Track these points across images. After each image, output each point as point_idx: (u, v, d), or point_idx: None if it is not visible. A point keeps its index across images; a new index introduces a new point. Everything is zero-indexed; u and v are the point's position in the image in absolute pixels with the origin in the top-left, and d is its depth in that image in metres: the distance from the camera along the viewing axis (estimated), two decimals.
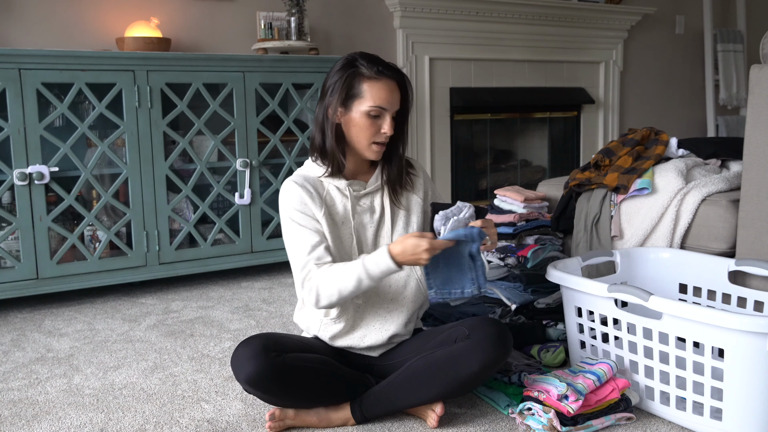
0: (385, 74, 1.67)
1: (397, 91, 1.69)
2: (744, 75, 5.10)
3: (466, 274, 1.62)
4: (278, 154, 3.15)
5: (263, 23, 3.34)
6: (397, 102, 1.69)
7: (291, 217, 1.68)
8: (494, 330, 1.63)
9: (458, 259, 1.61)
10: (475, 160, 4.41)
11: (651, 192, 2.28)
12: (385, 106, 1.66)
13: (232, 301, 2.82)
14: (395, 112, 1.69)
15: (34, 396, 1.92)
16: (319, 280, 1.61)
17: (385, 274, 1.59)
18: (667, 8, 5.03)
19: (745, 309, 1.93)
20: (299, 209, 1.68)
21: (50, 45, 3.02)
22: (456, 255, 1.61)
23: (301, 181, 1.72)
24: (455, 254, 1.60)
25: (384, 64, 1.69)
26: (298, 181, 1.71)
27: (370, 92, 1.65)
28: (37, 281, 2.69)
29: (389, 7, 3.86)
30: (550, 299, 2.28)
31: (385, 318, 1.74)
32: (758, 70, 1.97)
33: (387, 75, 1.67)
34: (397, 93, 1.69)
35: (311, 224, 1.67)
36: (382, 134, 1.68)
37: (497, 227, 2.49)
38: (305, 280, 1.63)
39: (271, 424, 1.66)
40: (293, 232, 1.67)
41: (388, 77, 1.67)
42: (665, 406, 1.69)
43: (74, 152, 2.73)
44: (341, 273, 1.60)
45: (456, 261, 1.61)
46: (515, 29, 4.28)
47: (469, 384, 1.65)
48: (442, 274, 1.62)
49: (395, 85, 1.68)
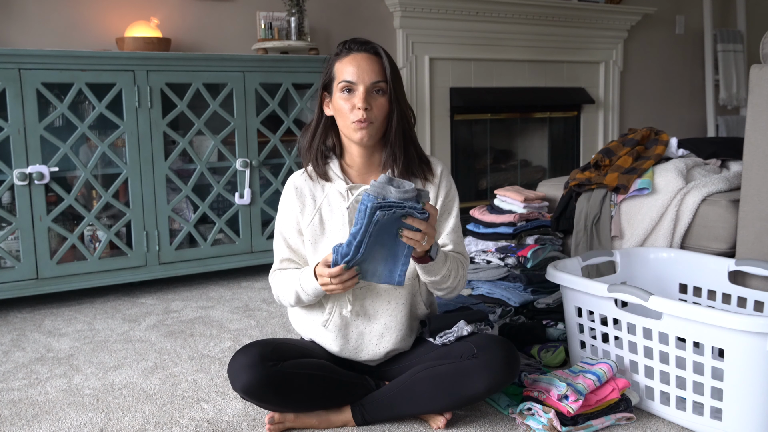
0: (351, 49, 1.63)
1: (369, 64, 1.60)
2: (744, 75, 5.09)
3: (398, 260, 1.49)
4: (278, 154, 3.15)
5: (263, 23, 3.34)
6: (371, 75, 1.60)
7: (278, 220, 1.75)
8: (503, 353, 1.59)
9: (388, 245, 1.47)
10: (475, 160, 4.41)
11: (651, 192, 2.28)
12: (352, 79, 1.60)
13: (232, 301, 2.82)
14: (372, 85, 1.60)
15: (34, 396, 1.92)
16: (273, 283, 1.74)
17: (318, 293, 1.61)
18: (667, 8, 5.03)
19: (745, 309, 1.93)
20: (286, 218, 1.72)
21: (50, 45, 3.02)
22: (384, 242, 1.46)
23: (300, 182, 1.71)
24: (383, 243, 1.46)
25: (355, 40, 1.65)
26: (298, 184, 1.71)
27: (339, 70, 1.63)
28: (37, 281, 2.69)
29: (389, 7, 3.86)
30: (550, 299, 2.28)
31: (382, 335, 1.69)
32: (758, 70, 1.97)
33: (354, 49, 1.63)
34: (369, 65, 1.60)
35: (292, 238, 1.72)
36: (357, 110, 1.59)
37: (497, 227, 2.49)
38: (271, 278, 1.76)
39: (270, 427, 1.65)
40: (276, 233, 1.76)
41: (355, 51, 1.62)
42: (665, 406, 1.69)
43: (74, 152, 2.73)
44: (286, 282, 1.68)
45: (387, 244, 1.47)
46: (515, 29, 4.28)
47: (472, 401, 1.65)
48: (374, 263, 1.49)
49: (364, 57, 1.61)
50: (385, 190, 1.40)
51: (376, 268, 1.51)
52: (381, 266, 1.51)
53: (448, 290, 1.68)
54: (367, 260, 1.48)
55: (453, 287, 1.67)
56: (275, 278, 1.73)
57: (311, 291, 1.61)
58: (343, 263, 1.47)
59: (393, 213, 1.40)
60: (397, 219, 1.42)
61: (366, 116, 1.59)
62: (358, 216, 1.42)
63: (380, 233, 1.44)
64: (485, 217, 2.53)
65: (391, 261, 1.50)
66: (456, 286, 1.68)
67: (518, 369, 1.62)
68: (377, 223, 1.40)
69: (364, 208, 1.40)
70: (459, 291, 1.71)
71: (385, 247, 1.48)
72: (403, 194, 1.41)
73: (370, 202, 1.40)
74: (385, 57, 1.63)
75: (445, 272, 1.62)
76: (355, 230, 1.43)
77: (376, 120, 1.62)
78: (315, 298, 1.64)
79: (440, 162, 1.76)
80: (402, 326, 1.70)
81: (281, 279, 1.70)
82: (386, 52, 1.65)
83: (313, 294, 1.61)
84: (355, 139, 1.63)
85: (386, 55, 1.64)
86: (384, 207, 1.39)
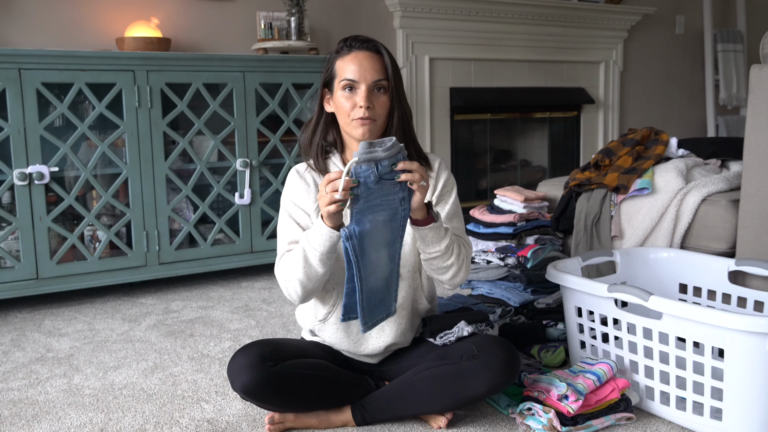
0: (353, 47, 1.62)
1: (370, 62, 1.60)
2: (744, 75, 5.09)
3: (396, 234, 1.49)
4: (278, 154, 3.15)
5: (263, 23, 3.34)
6: (372, 73, 1.60)
7: (284, 206, 1.71)
8: (503, 354, 1.59)
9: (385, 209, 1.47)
10: (475, 160, 4.41)
11: (651, 192, 2.28)
12: (354, 78, 1.59)
13: (232, 301, 2.82)
14: (374, 84, 1.60)
15: (34, 396, 1.92)
16: (280, 269, 1.62)
17: (324, 239, 1.49)
18: (667, 8, 5.03)
19: (745, 309, 1.93)
20: (292, 200, 1.69)
21: (50, 45, 3.02)
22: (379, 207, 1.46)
23: (303, 170, 1.72)
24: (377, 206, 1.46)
25: (356, 38, 1.64)
26: (300, 171, 1.72)
27: (340, 68, 1.63)
28: (37, 281, 2.69)
29: (389, 7, 3.86)
30: (550, 299, 2.28)
31: (382, 328, 1.68)
32: (758, 70, 1.97)
33: (355, 47, 1.62)
34: (370, 63, 1.60)
35: (300, 218, 1.67)
36: (359, 109, 1.59)
37: (497, 227, 2.49)
38: (276, 269, 1.65)
39: (270, 427, 1.65)
40: (282, 221, 1.70)
41: (356, 49, 1.62)
42: (665, 406, 1.69)
43: (74, 152, 2.73)
44: (293, 255, 1.58)
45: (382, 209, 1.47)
46: (515, 29, 4.28)
47: (472, 402, 1.65)
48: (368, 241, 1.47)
49: (366, 56, 1.61)
50: (372, 154, 1.43)
51: (377, 246, 1.48)
52: (380, 233, 1.48)
53: (452, 272, 1.61)
54: (367, 229, 1.47)
55: (457, 268, 1.61)
56: (282, 262, 1.63)
57: (317, 238, 1.50)
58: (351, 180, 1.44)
59: (385, 166, 1.43)
60: (391, 181, 1.45)
61: (368, 114, 1.60)
62: (357, 191, 1.44)
63: (378, 203, 1.46)
64: (485, 217, 2.53)
65: (389, 227, 1.49)
66: (460, 268, 1.61)
67: (518, 370, 1.62)
68: (378, 180, 1.44)
69: (362, 180, 1.43)
70: (464, 276, 1.64)
71: (384, 214, 1.48)
72: (390, 149, 1.44)
73: (362, 169, 1.43)
74: (386, 55, 1.64)
75: (447, 243, 1.57)
76: (357, 203, 1.45)
77: (379, 118, 1.62)
78: (321, 255, 1.52)
79: (438, 157, 1.78)
80: (403, 319, 1.70)
81: (288, 256, 1.61)
82: (387, 50, 1.65)
83: (320, 242, 1.50)
84: (356, 136, 1.63)
85: (387, 53, 1.64)
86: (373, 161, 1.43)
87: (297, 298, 1.60)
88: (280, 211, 1.72)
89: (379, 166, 1.43)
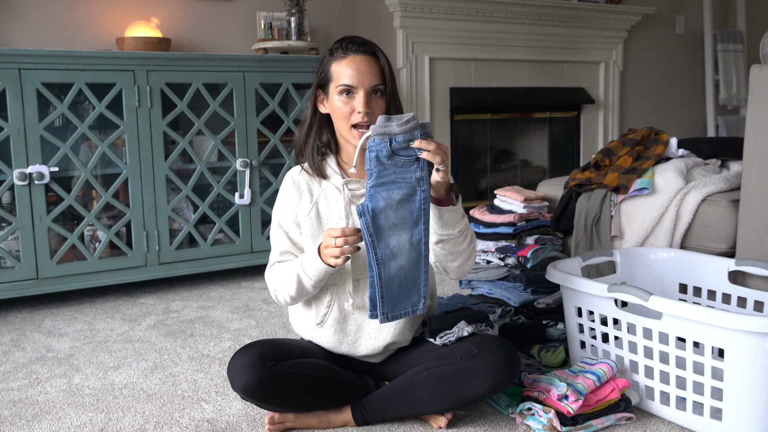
0: (350, 50, 1.60)
1: (368, 66, 1.59)
2: (744, 75, 5.10)
3: (417, 223, 1.48)
4: (278, 154, 3.15)
5: (263, 23, 3.34)
6: (370, 78, 1.59)
7: (275, 215, 1.73)
8: (504, 354, 1.59)
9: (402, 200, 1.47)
10: (475, 160, 4.41)
11: (651, 192, 2.28)
12: (352, 83, 1.58)
13: (232, 301, 2.82)
14: (372, 88, 1.59)
15: (34, 396, 1.92)
16: (271, 277, 1.69)
17: (320, 272, 1.56)
18: (667, 8, 5.03)
19: (745, 309, 1.93)
20: (284, 210, 1.71)
21: (50, 45, 3.02)
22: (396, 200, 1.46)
23: (297, 177, 1.71)
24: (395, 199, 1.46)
25: (352, 40, 1.62)
26: (295, 177, 1.72)
27: (337, 71, 1.61)
28: (37, 281, 2.69)
29: (389, 7, 3.86)
30: (550, 299, 2.28)
31: (380, 327, 1.68)
32: (758, 70, 1.97)
33: (352, 51, 1.60)
34: (368, 68, 1.59)
35: (290, 229, 1.70)
36: (357, 114, 1.58)
37: (497, 227, 2.49)
38: (267, 274, 1.72)
39: (270, 428, 1.65)
40: (273, 229, 1.74)
41: (354, 53, 1.59)
42: (665, 406, 1.69)
43: (74, 152, 2.73)
44: (286, 270, 1.64)
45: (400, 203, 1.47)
46: (515, 29, 4.28)
47: (472, 402, 1.65)
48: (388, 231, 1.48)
49: (363, 60, 1.59)
50: (386, 128, 1.44)
51: (396, 228, 1.48)
52: (398, 212, 1.48)
53: (462, 259, 1.61)
54: (381, 206, 1.47)
55: (467, 255, 1.61)
56: (273, 271, 1.69)
57: (313, 270, 1.56)
58: (360, 221, 1.46)
59: (400, 141, 1.45)
60: (406, 158, 1.46)
61: (367, 120, 1.59)
62: (370, 165, 1.45)
63: (393, 180, 1.47)
64: (485, 217, 2.53)
65: (407, 208, 1.48)
66: (470, 256, 1.62)
67: (519, 370, 1.62)
68: (391, 155, 1.45)
69: (374, 155, 1.44)
70: (470, 266, 1.65)
71: (400, 192, 1.48)
72: (406, 125, 1.44)
73: (375, 142, 1.44)
74: (382, 57, 1.63)
75: (463, 226, 1.58)
76: (371, 178, 1.46)
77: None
78: (315, 282, 1.59)
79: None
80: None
81: (280, 269, 1.66)
82: (382, 52, 1.64)
83: (315, 274, 1.57)
84: (353, 141, 1.62)
85: (383, 55, 1.64)
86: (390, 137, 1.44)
87: (285, 305, 1.70)
88: (272, 218, 1.74)
89: (394, 141, 1.44)
